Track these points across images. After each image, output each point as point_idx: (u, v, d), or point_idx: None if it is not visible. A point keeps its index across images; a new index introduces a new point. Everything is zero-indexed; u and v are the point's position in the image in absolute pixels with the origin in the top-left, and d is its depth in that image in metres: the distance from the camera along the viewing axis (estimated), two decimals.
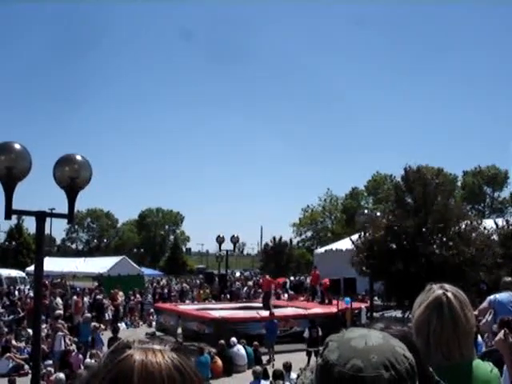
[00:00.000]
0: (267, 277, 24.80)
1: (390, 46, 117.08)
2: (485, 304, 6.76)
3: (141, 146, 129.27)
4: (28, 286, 32.23)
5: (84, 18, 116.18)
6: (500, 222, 20.68)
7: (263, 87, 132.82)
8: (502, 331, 3.58)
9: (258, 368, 11.88)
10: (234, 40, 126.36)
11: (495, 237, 18.65)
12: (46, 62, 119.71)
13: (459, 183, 69.70)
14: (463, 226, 17.70)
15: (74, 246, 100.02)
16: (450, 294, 2.07)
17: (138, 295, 28.70)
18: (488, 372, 2.10)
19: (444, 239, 17.03)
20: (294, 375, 11.99)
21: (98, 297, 26.03)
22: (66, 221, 6.78)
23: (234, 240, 30.16)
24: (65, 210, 6.57)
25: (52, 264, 31.80)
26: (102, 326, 20.53)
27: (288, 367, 12.14)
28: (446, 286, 2.12)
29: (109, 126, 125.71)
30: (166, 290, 34.04)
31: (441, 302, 2.05)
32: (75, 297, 25.07)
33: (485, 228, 18.16)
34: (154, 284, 37.49)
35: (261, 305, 21.88)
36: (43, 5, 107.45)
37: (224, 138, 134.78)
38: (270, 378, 11.59)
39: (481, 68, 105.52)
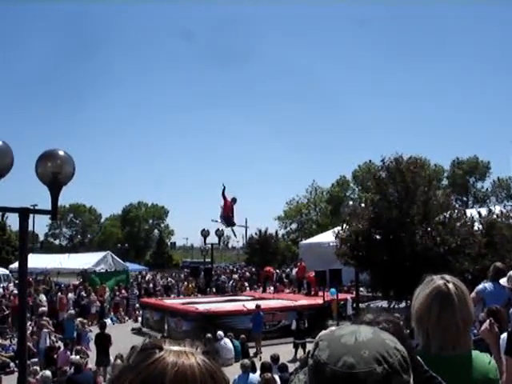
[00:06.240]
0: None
1: (383, 41, 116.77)
2: (473, 294, 6.37)
3: (124, 141, 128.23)
4: (12, 284, 31.89)
5: (82, 18, 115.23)
6: (483, 211, 20.73)
7: (260, 86, 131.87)
8: (488, 321, 3.60)
9: (246, 361, 11.81)
10: (233, 40, 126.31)
11: (479, 226, 18.79)
12: (36, 60, 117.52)
13: (445, 174, 70.35)
14: (447, 216, 17.82)
15: (57, 242, 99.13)
16: (450, 285, 2.09)
17: (123, 290, 28.57)
18: (486, 363, 2.12)
19: (429, 229, 17.14)
20: None
21: (82, 293, 25.89)
22: (48, 217, 6.67)
23: (219, 233, 30.13)
24: (48, 206, 6.47)
25: (35, 261, 31.41)
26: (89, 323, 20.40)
27: (276, 359, 12.15)
28: (447, 276, 2.15)
29: (92, 122, 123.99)
30: (151, 285, 33.94)
31: (442, 292, 2.07)
32: (59, 293, 24.92)
33: (466, 217, 18.30)
34: (140, 279, 37.30)
35: (248, 297, 21.70)
36: (41, 5, 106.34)
37: (207, 133, 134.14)
38: (258, 371, 11.57)
39: (469, 62, 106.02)
